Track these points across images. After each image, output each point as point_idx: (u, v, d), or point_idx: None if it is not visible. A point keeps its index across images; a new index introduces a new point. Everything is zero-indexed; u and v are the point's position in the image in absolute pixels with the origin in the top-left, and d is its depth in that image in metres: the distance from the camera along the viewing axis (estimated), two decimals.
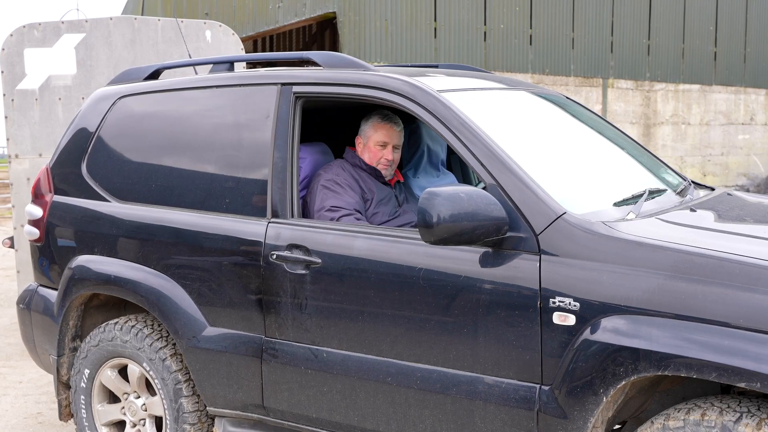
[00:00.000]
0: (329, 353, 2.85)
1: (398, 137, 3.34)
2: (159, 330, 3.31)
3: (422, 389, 2.63)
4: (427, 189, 2.42)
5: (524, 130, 3.11)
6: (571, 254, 2.36)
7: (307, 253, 2.85)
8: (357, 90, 2.90)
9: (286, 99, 3.02)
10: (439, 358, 2.60)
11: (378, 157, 3.30)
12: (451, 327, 2.56)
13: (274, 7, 11.80)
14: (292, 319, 2.92)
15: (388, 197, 3.33)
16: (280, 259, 2.89)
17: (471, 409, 2.53)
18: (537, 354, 2.39)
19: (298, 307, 2.90)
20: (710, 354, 2.09)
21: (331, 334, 2.84)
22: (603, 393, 2.25)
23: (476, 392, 2.51)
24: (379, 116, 3.31)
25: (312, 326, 2.88)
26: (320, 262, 2.82)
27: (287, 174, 2.96)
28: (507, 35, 11.76)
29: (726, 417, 2.13)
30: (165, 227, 3.23)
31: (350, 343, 2.81)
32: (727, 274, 2.14)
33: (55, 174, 3.70)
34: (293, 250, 2.88)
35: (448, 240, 2.40)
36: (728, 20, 14.57)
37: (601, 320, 2.27)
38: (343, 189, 3.16)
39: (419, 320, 2.63)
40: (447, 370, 2.59)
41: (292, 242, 2.88)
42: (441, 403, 2.60)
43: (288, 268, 2.88)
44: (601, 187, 2.90)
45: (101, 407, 3.51)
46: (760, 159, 15.56)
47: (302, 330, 2.90)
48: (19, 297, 3.87)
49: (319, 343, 2.88)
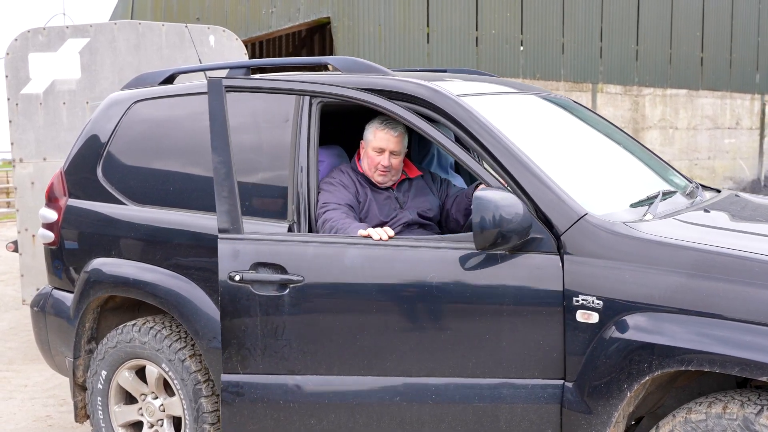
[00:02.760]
0: (317, 381, 2.63)
1: (396, 143, 3.22)
2: (177, 331, 3.35)
3: (439, 403, 2.56)
4: (477, 194, 2.42)
5: (538, 134, 3.18)
6: (593, 254, 2.43)
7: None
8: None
9: (305, 103, 3.06)
10: (455, 369, 2.55)
11: (375, 162, 3.24)
12: (471, 334, 2.52)
13: (267, 12, 11.83)
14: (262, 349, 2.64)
15: (385, 201, 3.29)
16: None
17: (496, 415, 2.53)
18: (561, 352, 2.45)
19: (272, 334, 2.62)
20: (732, 349, 2.16)
21: (318, 360, 2.62)
22: (627, 388, 2.32)
23: (501, 397, 2.51)
24: (379, 121, 3.25)
25: (291, 353, 2.62)
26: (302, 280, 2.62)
27: (309, 176, 2.99)
28: (498, 41, 11.88)
29: (747, 410, 2.20)
30: (184, 230, 3.27)
31: (344, 366, 2.61)
32: (748, 272, 2.21)
33: (69, 178, 3.73)
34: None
35: (496, 244, 2.41)
36: (714, 26, 14.77)
37: (624, 318, 2.34)
38: (335, 187, 3.16)
39: (433, 331, 2.55)
40: (466, 380, 2.55)
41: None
42: (461, 415, 2.55)
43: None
44: (616, 189, 2.98)
45: (118, 408, 3.54)
46: (745, 163, 15.77)
47: (277, 359, 2.63)
48: (33, 300, 3.89)
49: (300, 372, 2.65)
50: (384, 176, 3.27)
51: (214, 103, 2.78)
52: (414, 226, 3.28)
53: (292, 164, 3.02)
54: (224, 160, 2.76)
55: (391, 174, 3.28)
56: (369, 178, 3.29)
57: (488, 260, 2.51)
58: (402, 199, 3.34)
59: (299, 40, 16.08)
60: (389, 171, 3.26)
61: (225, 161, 2.75)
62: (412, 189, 3.39)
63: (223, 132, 2.78)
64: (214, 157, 2.77)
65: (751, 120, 15.77)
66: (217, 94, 2.79)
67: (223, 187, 2.76)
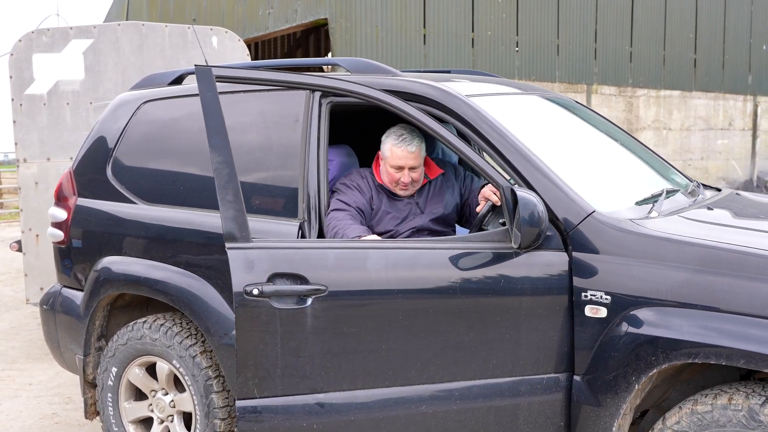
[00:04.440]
0: (341, 397, 2.52)
1: (414, 158, 3.16)
2: (188, 328, 3.39)
3: (463, 407, 2.57)
4: (520, 193, 2.43)
5: (544, 133, 3.23)
6: (601, 250, 2.49)
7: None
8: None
9: (315, 103, 3.11)
10: (477, 371, 2.57)
11: (395, 179, 3.20)
12: (493, 335, 2.54)
13: (264, 13, 11.88)
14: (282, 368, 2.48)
15: (405, 206, 3.27)
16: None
17: (515, 413, 2.58)
18: (571, 346, 2.51)
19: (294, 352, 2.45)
20: (738, 342, 2.22)
21: (342, 375, 2.50)
22: (635, 381, 2.38)
23: (520, 393, 2.56)
24: (395, 138, 3.18)
25: (314, 371, 2.48)
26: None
27: (319, 175, 3.03)
28: (494, 42, 11.96)
29: (752, 401, 2.26)
30: (195, 229, 3.31)
31: (368, 378, 2.52)
32: (752, 267, 2.28)
33: (78, 177, 3.77)
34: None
35: (532, 244, 2.46)
36: (707, 28, 14.90)
37: (632, 312, 2.40)
38: (350, 189, 3.18)
39: (457, 335, 2.54)
40: (487, 380, 2.57)
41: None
42: (484, 416, 2.58)
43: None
44: (620, 187, 3.04)
45: (128, 405, 3.58)
46: (738, 163, 15.89)
47: (298, 378, 2.48)
48: (42, 298, 3.92)
49: (323, 389, 2.51)
50: (406, 190, 3.25)
51: (207, 94, 2.47)
52: (424, 232, 3.27)
53: (303, 163, 3.06)
54: (225, 159, 2.46)
55: (413, 187, 3.26)
56: (387, 188, 3.26)
57: (504, 258, 2.55)
58: (422, 204, 3.31)
59: (294, 40, 16.13)
60: (411, 184, 3.23)
61: (226, 161, 2.46)
62: (431, 191, 3.35)
63: (219, 127, 2.48)
64: (213, 157, 2.47)
65: (743, 121, 15.90)
66: (208, 83, 2.49)
67: (227, 190, 2.46)
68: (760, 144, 16.35)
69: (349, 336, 2.46)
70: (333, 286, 2.46)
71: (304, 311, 2.43)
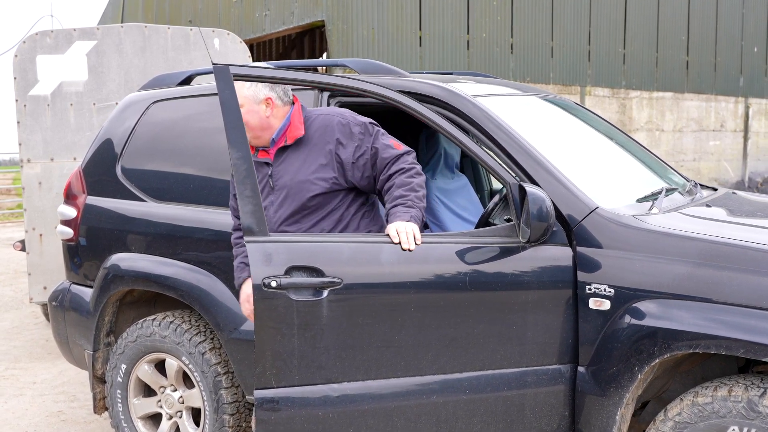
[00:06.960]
0: (354, 387, 2.56)
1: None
2: (197, 325, 3.46)
3: (471, 397, 2.61)
4: (529, 189, 2.49)
5: (546, 132, 3.31)
6: (604, 245, 2.57)
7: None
8: None
9: (323, 104, 3.18)
10: (486, 362, 2.62)
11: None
12: (501, 327, 2.60)
13: (260, 14, 11.94)
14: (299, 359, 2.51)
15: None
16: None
17: (522, 403, 2.64)
18: (575, 337, 2.59)
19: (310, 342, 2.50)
20: (738, 332, 2.30)
21: (356, 365, 2.54)
22: (637, 371, 2.46)
23: (527, 384, 2.63)
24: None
25: (329, 361, 2.52)
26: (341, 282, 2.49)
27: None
28: (489, 44, 12.06)
29: (751, 392, 2.34)
30: (204, 227, 3.37)
31: (382, 369, 2.56)
32: (750, 260, 2.36)
33: (88, 176, 3.83)
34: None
35: (540, 239, 2.54)
36: (699, 30, 15.05)
37: (634, 304, 2.48)
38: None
39: (466, 327, 2.58)
40: (495, 371, 2.63)
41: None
42: (492, 406, 2.64)
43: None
44: (621, 185, 3.12)
45: (137, 401, 3.64)
46: (730, 165, 16.04)
47: (313, 368, 2.52)
48: (51, 295, 3.98)
49: (338, 380, 2.55)
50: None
51: (225, 92, 2.52)
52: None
53: None
54: (243, 155, 2.48)
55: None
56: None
57: (511, 253, 2.61)
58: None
59: (289, 42, 16.19)
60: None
61: (244, 156, 2.48)
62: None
63: (238, 123, 2.50)
64: (232, 153, 2.48)
65: (735, 122, 16.05)
66: (226, 82, 2.54)
67: (245, 185, 2.47)
68: (751, 145, 16.51)
69: (362, 327, 2.50)
70: (348, 279, 2.49)
71: (320, 303, 2.47)
